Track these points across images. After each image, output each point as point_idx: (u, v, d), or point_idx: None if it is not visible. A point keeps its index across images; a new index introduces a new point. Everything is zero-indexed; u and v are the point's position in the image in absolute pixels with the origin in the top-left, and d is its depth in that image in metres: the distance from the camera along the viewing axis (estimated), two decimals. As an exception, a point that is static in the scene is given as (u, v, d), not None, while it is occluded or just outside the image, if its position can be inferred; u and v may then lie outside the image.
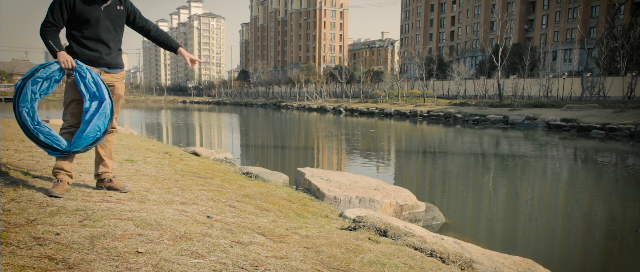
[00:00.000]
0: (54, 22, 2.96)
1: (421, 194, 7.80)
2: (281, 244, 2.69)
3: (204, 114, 43.69)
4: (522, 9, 62.91)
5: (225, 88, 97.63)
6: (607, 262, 5.05)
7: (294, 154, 14.76)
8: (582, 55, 50.29)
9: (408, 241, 3.28)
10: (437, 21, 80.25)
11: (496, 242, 5.45)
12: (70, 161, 3.12)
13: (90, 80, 2.99)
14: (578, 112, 25.71)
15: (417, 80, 51.65)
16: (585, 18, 54.55)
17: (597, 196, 8.59)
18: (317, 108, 50.37)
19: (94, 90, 3.00)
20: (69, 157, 3.09)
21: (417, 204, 5.44)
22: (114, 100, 3.19)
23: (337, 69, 67.83)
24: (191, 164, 5.96)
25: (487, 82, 41.42)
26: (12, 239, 2.09)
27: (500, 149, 15.92)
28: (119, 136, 8.66)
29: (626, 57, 31.74)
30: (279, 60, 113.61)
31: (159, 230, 2.50)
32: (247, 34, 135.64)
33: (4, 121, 8.84)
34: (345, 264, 2.49)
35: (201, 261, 2.13)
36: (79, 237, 2.22)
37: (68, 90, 3.06)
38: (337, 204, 4.98)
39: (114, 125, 3.37)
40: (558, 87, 36.84)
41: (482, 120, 28.86)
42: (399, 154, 15.42)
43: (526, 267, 3.34)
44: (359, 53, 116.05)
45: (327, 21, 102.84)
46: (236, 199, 3.96)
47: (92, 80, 3.00)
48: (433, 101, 41.02)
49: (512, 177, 10.48)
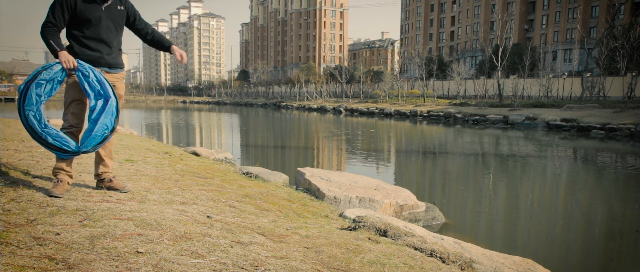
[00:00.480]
0: (55, 22, 2.95)
1: (421, 194, 7.80)
2: (281, 244, 2.69)
3: (204, 114, 43.69)
4: (522, 9, 62.91)
5: (225, 88, 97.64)
6: (607, 262, 5.05)
7: (294, 154, 14.77)
8: (582, 55, 50.30)
9: (408, 241, 3.28)
10: (437, 21, 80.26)
11: (496, 242, 5.45)
12: (71, 160, 3.12)
13: (93, 79, 2.99)
14: (578, 112, 25.71)
15: (417, 80, 51.65)
16: (585, 18, 54.55)
17: (597, 196, 8.59)
18: (317, 108, 50.37)
19: (98, 88, 3.00)
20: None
21: (417, 204, 5.44)
22: None
23: (337, 69, 67.84)
24: (191, 164, 5.96)
25: (487, 82, 41.42)
26: (12, 239, 2.09)
27: (500, 149, 15.92)
28: (119, 135, 8.67)
29: (626, 57, 31.74)
30: (279, 60, 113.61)
31: (159, 230, 2.50)
32: (247, 34, 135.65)
33: (4, 121, 8.84)
34: (345, 264, 2.49)
35: (201, 261, 2.13)
36: (79, 237, 2.22)
37: (69, 90, 3.06)
38: (337, 204, 4.98)
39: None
40: (558, 87, 36.84)
41: (482, 120, 28.85)
42: (399, 154, 15.42)
43: (526, 267, 3.34)
44: (359, 53, 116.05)
45: (327, 21, 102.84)
46: (236, 199, 3.96)
47: (95, 79, 3.00)
48: (433, 101, 41.02)
49: (512, 177, 10.48)
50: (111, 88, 3.06)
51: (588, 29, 54.57)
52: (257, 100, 75.50)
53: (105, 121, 3.00)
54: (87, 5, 3.03)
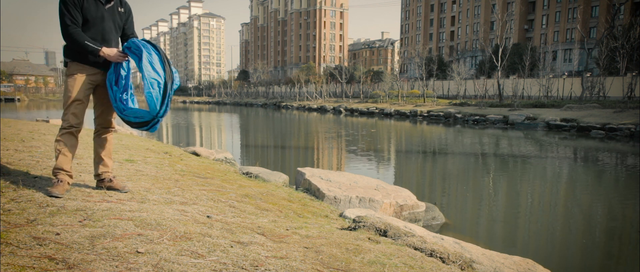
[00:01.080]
0: (77, 23, 2.96)
1: (421, 194, 7.80)
2: (281, 244, 2.69)
3: (204, 114, 43.69)
4: (522, 9, 62.92)
5: (225, 88, 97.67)
6: (607, 263, 5.05)
7: (294, 154, 14.77)
8: (582, 55, 50.31)
9: (408, 241, 3.28)
10: (437, 21, 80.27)
11: (496, 242, 5.45)
12: (71, 160, 3.12)
13: (132, 52, 3.07)
14: (578, 112, 25.71)
15: (417, 80, 51.66)
16: (585, 18, 54.56)
17: (597, 196, 8.59)
18: (317, 108, 50.38)
19: (137, 52, 3.05)
20: (71, 155, 3.09)
21: (417, 204, 5.44)
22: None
23: (337, 69, 67.86)
24: (191, 164, 5.96)
25: (487, 82, 41.42)
26: (12, 239, 2.09)
27: (500, 149, 15.92)
28: (119, 135, 8.67)
29: (626, 57, 31.75)
30: (279, 60, 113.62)
31: (159, 230, 2.50)
32: (247, 34, 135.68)
33: (4, 121, 8.84)
34: (345, 264, 2.49)
35: (201, 261, 2.13)
36: (79, 237, 2.22)
37: (68, 89, 3.05)
38: (337, 204, 4.98)
39: (113, 125, 3.37)
40: (558, 87, 36.85)
41: (482, 120, 28.86)
42: (399, 154, 15.42)
43: (526, 267, 3.34)
44: (359, 53, 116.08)
45: (327, 21, 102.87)
46: (236, 199, 3.96)
47: (131, 49, 3.08)
48: (433, 101, 41.02)
49: (512, 177, 10.48)
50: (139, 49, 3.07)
51: (588, 29, 54.59)
52: (257, 100, 75.51)
53: (152, 75, 2.97)
54: (91, 5, 3.03)
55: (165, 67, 3.04)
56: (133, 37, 3.34)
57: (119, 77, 3.10)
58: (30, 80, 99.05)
